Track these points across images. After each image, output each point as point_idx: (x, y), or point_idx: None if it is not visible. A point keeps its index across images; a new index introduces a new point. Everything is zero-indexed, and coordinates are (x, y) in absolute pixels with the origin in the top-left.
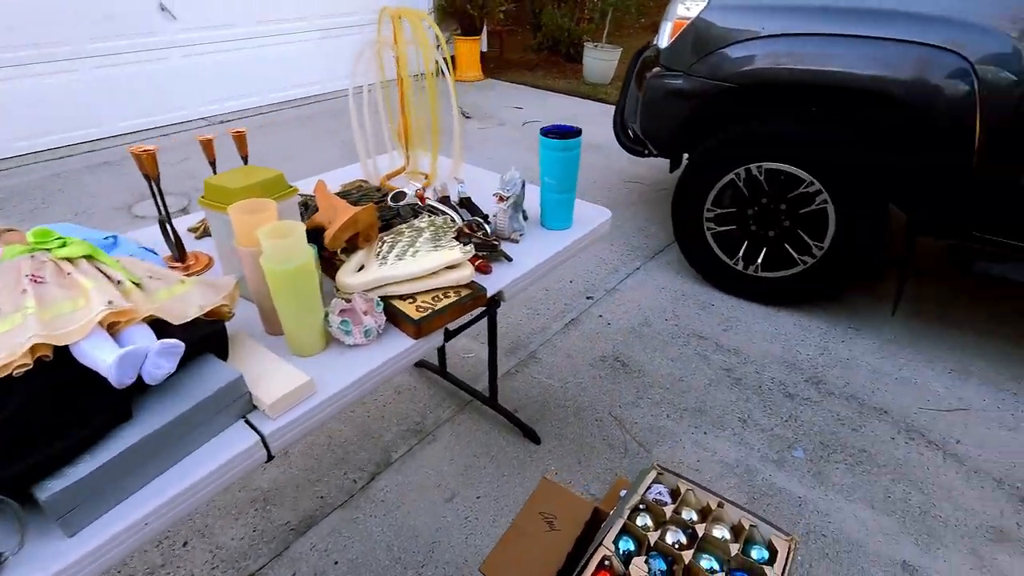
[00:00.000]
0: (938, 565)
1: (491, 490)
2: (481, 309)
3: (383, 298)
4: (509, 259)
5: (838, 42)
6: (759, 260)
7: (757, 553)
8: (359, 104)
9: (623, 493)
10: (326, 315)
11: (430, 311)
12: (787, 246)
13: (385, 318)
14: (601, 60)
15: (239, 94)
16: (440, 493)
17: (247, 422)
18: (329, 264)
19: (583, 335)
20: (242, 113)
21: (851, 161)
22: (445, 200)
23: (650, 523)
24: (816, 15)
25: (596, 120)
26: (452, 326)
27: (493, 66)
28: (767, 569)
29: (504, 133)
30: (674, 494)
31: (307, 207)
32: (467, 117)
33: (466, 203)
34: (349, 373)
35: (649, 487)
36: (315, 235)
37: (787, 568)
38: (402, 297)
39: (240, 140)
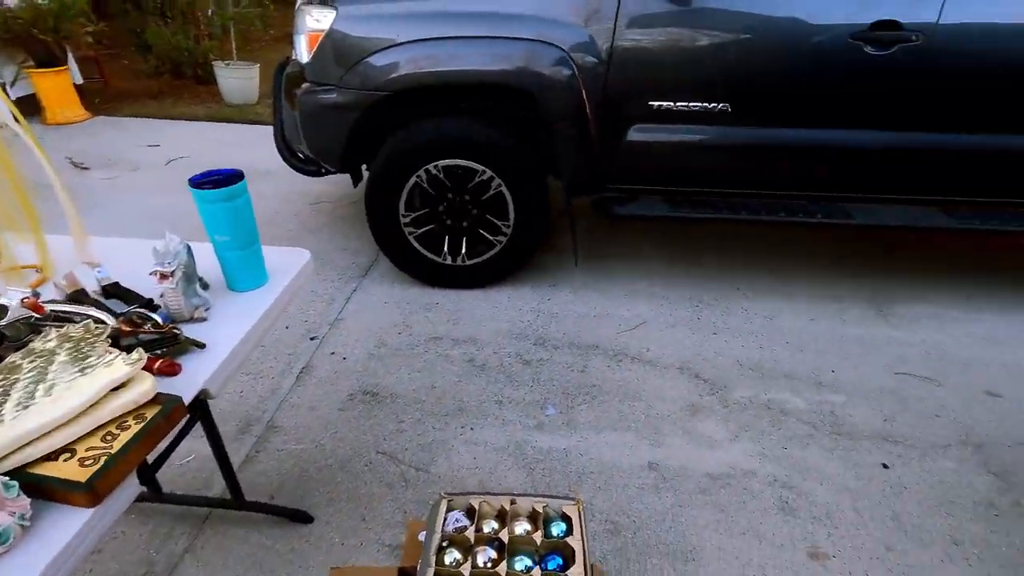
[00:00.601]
0: (668, 452)
1: None
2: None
3: (15, 472)
4: (201, 345)
5: (465, 43)
6: (463, 250)
7: (557, 529)
8: None
9: (421, 536)
10: None
11: (104, 459)
12: (482, 231)
13: (29, 500)
14: (238, 79)
15: None
16: None
17: None
18: None
19: (321, 381)
20: None
21: (507, 146)
22: (80, 296)
23: (458, 556)
24: (440, 20)
25: (256, 144)
26: (152, 456)
27: (100, 100)
28: (570, 540)
29: (142, 179)
30: (470, 512)
31: None
32: (83, 168)
33: (114, 291)
34: None
35: (444, 519)
36: None
37: (583, 528)
38: (51, 457)
39: None
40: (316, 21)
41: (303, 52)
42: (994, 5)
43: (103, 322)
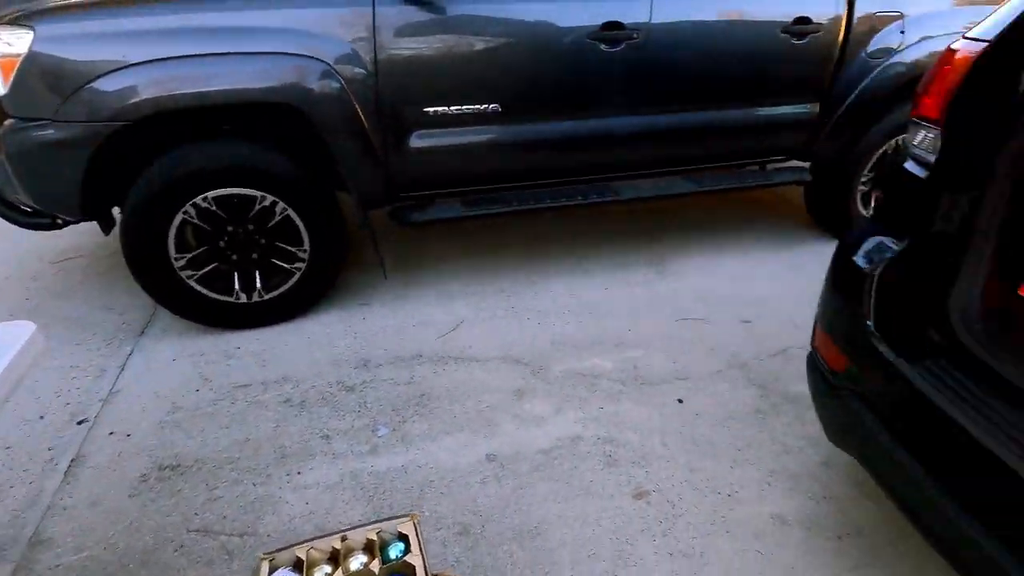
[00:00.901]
0: (502, 440)
1: None
2: None
3: None
4: None
5: (218, 61)
6: (258, 285)
7: (395, 551)
8: None
9: None
10: None
11: None
12: (276, 261)
13: None
14: None
15: None
16: None
17: None
18: None
19: (100, 469)
20: None
21: (285, 168)
22: None
23: None
24: (183, 37)
25: None
26: None
27: None
28: (409, 559)
29: None
30: (298, 565)
31: None
32: None
33: None
34: None
35: None
36: None
37: (420, 542)
38: None
39: None
40: (7, 45)
41: None
42: (690, 5)
43: None
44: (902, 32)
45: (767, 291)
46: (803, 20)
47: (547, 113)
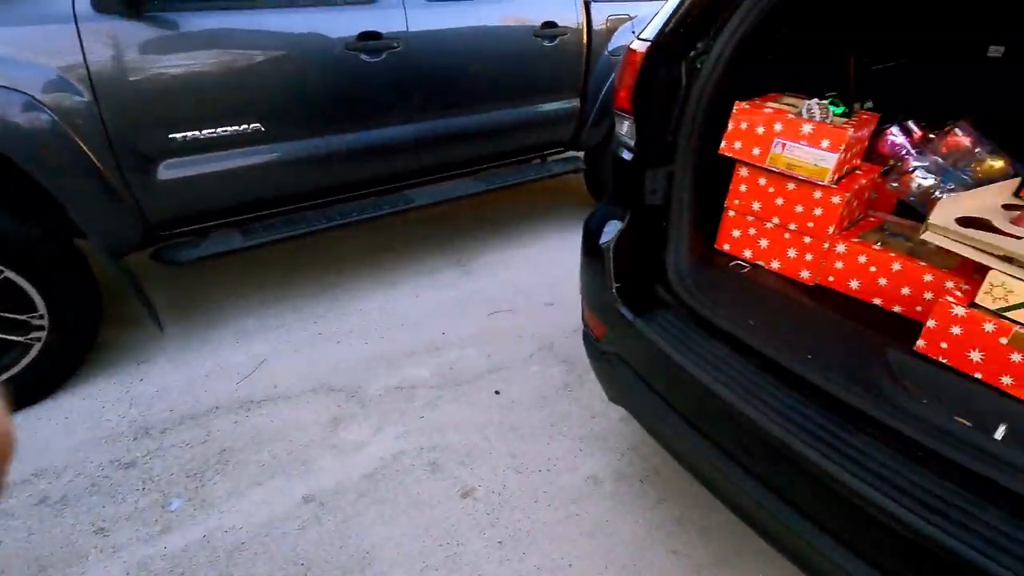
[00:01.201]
0: (320, 477)
1: None
2: None
3: None
4: None
5: None
6: None
7: None
8: None
9: None
10: None
11: None
12: (1, 335)
13: None
14: None
15: None
16: None
17: None
18: None
19: None
20: None
21: None
22: None
23: None
24: None
25: None
26: None
27: None
28: None
29: None
30: None
31: None
32: None
33: None
34: None
35: None
36: None
37: None
38: None
39: None
40: None
41: None
42: (444, 13)
43: None
44: (633, 32)
45: (564, 273)
46: (550, 24)
47: (316, 128)
